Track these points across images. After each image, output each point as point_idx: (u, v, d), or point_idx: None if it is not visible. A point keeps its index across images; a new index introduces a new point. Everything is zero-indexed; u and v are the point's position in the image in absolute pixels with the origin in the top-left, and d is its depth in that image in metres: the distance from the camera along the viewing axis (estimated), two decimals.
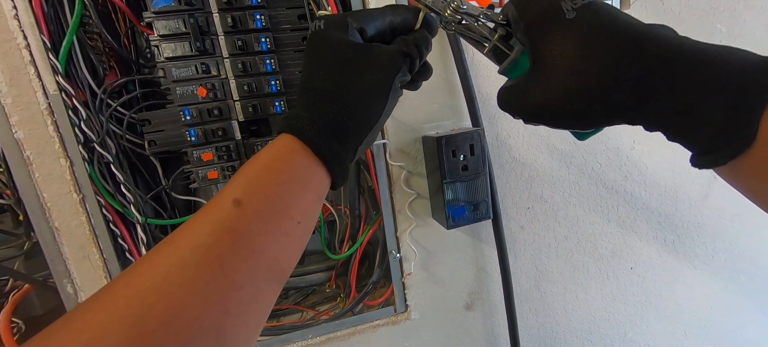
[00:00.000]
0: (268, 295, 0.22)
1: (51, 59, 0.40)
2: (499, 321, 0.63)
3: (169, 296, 0.17)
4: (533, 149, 0.58)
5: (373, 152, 0.51)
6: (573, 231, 0.63)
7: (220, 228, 0.20)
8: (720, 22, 0.61)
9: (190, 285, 0.18)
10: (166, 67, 0.44)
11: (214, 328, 0.18)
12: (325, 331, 0.56)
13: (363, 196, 0.58)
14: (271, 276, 0.22)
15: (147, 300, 0.17)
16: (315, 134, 0.23)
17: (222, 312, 0.19)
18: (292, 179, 0.23)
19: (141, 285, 0.18)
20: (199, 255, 0.19)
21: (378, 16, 0.28)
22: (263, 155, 0.24)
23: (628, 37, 0.21)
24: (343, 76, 0.25)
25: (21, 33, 0.39)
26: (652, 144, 0.63)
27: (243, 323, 0.20)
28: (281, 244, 0.22)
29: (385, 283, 0.60)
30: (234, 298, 0.19)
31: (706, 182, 0.67)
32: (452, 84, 0.52)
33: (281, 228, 0.22)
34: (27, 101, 0.41)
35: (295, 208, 0.23)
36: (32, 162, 0.42)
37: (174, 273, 0.18)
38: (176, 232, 0.20)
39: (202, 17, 0.42)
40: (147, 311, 0.17)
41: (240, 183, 0.22)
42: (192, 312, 0.18)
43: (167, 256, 0.19)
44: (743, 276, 0.74)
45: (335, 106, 0.24)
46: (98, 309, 0.17)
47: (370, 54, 0.26)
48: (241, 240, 0.20)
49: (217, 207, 0.21)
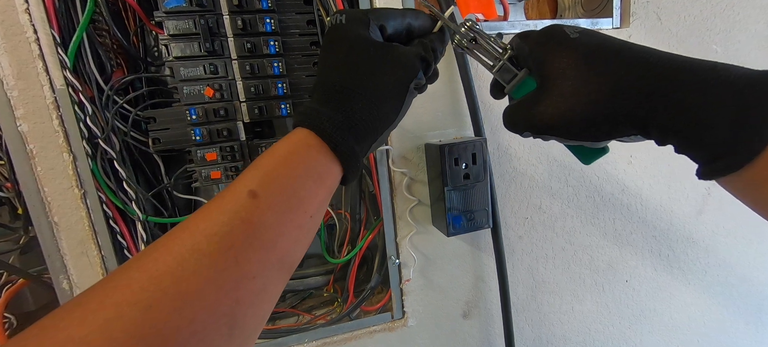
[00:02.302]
0: (278, 286, 0.22)
1: (60, 54, 0.40)
2: (495, 331, 0.63)
3: (183, 281, 0.18)
4: (533, 160, 0.59)
5: (376, 158, 0.52)
6: (570, 243, 0.64)
7: (235, 218, 0.20)
8: (716, 43, 0.63)
9: (205, 272, 0.18)
10: (173, 67, 0.44)
11: (226, 316, 0.18)
12: (321, 336, 0.56)
13: (364, 201, 0.58)
14: (281, 267, 0.22)
15: (161, 284, 0.17)
16: (334, 131, 0.23)
17: (234, 300, 0.19)
18: (307, 174, 0.23)
19: (155, 269, 0.18)
20: (214, 243, 0.19)
21: (398, 16, 0.28)
22: (279, 148, 0.24)
23: (631, 53, 0.22)
24: (363, 74, 0.25)
25: (31, 27, 0.39)
26: (648, 159, 0.64)
27: (253, 312, 0.20)
28: (294, 237, 0.22)
29: (382, 289, 0.60)
30: (246, 287, 0.19)
31: (701, 198, 0.68)
32: (456, 93, 0.53)
33: (294, 221, 0.22)
34: (33, 95, 0.41)
35: (309, 202, 0.23)
36: (35, 156, 0.42)
37: (188, 259, 0.18)
38: (190, 219, 0.20)
39: (213, 19, 0.43)
40: (161, 295, 0.17)
41: (255, 175, 0.22)
42: (205, 298, 0.18)
43: (182, 242, 0.19)
44: (737, 291, 0.75)
45: (353, 103, 0.24)
46: (113, 291, 0.17)
47: (390, 54, 0.26)
48: (255, 231, 0.20)
49: (233, 198, 0.21)
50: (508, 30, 0.53)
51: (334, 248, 0.60)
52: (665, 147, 0.69)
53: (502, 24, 0.53)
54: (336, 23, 0.26)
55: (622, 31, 0.58)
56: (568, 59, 0.24)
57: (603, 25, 0.57)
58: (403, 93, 0.26)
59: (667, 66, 0.21)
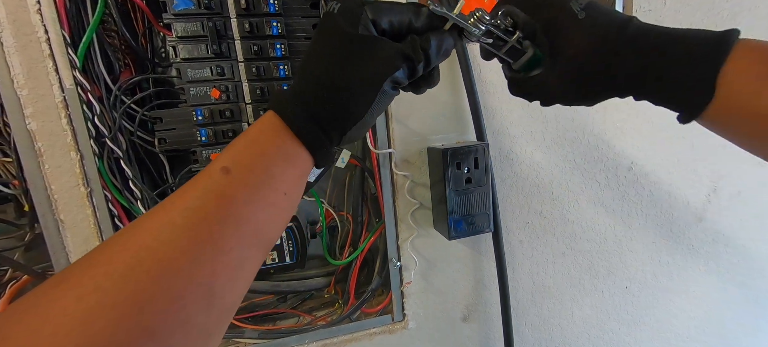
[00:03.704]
0: (254, 262, 0.23)
1: (70, 54, 0.41)
2: (494, 334, 0.63)
3: (159, 253, 0.18)
4: (535, 165, 0.59)
5: (379, 160, 0.52)
6: (570, 248, 0.64)
7: (208, 193, 0.21)
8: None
9: (180, 244, 0.19)
10: (181, 68, 0.44)
11: (203, 286, 0.19)
12: (322, 337, 0.56)
13: (366, 203, 0.59)
14: (258, 243, 0.23)
15: (138, 256, 0.18)
16: (296, 117, 0.24)
17: (210, 272, 0.20)
18: (277, 154, 0.24)
19: (132, 243, 0.19)
20: (188, 217, 0.20)
21: (397, 12, 0.27)
22: (251, 130, 0.25)
23: (631, 32, 0.26)
24: (336, 66, 0.25)
25: (42, 27, 0.40)
26: (648, 166, 0.64)
27: (231, 285, 0.21)
28: (268, 213, 0.23)
29: (383, 291, 0.60)
30: (222, 260, 0.20)
31: (701, 205, 0.69)
32: (459, 98, 0.53)
33: (268, 198, 0.23)
34: (42, 94, 0.41)
35: (281, 180, 0.24)
36: (43, 153, 0.42)
37: (164, 232, 0.19)
38: (168, 198, 0.21)
39: (220, 21, 0.44)
40: (137, 266, 0.18)
41: (228, 154, 0.23)
42: (181, 269, 0.19)
43: (158, 218, 0.20)
44: (737, 298, 0.76)
45: (322, 92, 0.25)
46: (91, 266, 0.18)
47: (370, 48, 0.25)
48: (228, 206, 0.21)
49: (206, 175, 0.22)
50: None
51: (336, 249, 0.60)
52: (666, 156, 0.69)
53: None
54: (329, 12, 0.26)
55: None
56: (577, 42, 0.26)
57: None
58: (375, 90, 0.25)
59: (658, 43, 0.25)
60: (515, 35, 0.29)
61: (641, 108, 0.62)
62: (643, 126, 0.62)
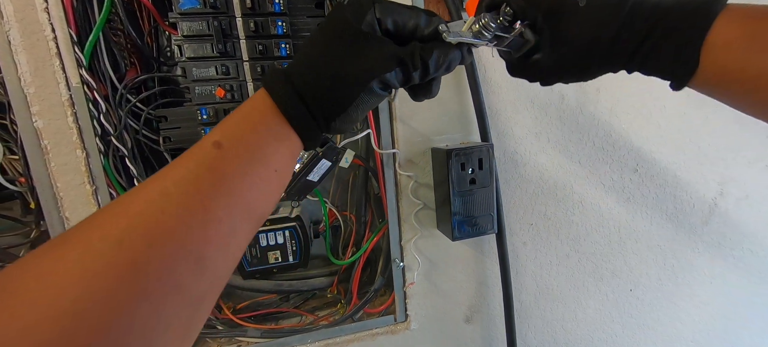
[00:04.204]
0: (245, 234, 0.24)
1: (76, 53, 0.41)
2: (497, 336, 0.63)
3: (152, 220, 0.19)
4: (539, 166, 0.59)
5: (382, 161, 0.52)
6: (574, 250, 0.64)
7: (201, 166, 0.22)
8: None
9: (173, 211, 0.20)
10: (186, 67, 0.45)
11: (195, 253, 0.20)
12: (324, 337, 0.56)
13: (369, 203, 0.59)
14: (249, 216, 0.23)
15: (131, 222, 0.19)
16: (286, 98, 0.24)
17: (202, 239, 0.20)
18: (268, 132, 0.24)
19: (126, 211, 0.19)
20: (181, 187, 0.21)
21: (406, 14, 0.27)
22: (243, 107, 0.25)
23: (622, 20, 0.26)
24: (330, 55, 0.25)
25: (49, 26, 0.40)
26: (654, 169, 0.64)
27: (222, 254, 0.22)
28: (259, 188, 0.24)
29: (386, 291, 0.60)
30: (214, 230, 0.21)
31: (707, 208, 0.68)
32: (463, 98, 0.53)
33: (259, 173, 0.24)
34: (49, 92, 0.41)
35: (272, 157, 0.24)
36: (49, 151, 0.43)
37: (157, 200, 0.20)
38: (161, 170, 0.22)
39: (226, 21, 0.44)
40: (132, 231, 0.18)
41: (220, 129, 0.23)
42: (174, 236, 0.19)
43: (151, 188, 0.21)
44: (741, 302, 0.75)
45: (312, 77, 0.25)
46: (90, 229, 0.19)
47: (365, 45, 0.25)
48: (221, 179, 0.22)
49: (199, 149, 0.22)
50: None
51: (339, 249, 0.60)
52: (672, 158, 0.68)
53: None
54: (341, 3, 0.27)
55: None
56: (579, 31, 0.27)
57: None
58: (361, 86, 0.25)
59: (651, 16, 0.26)
60: (517, 29, 0.28)
61: (647, 111, 0.61)
62: (649, 129, 0.62)
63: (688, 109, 0.63)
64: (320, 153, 0.45)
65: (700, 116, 0.63)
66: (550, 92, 0.57)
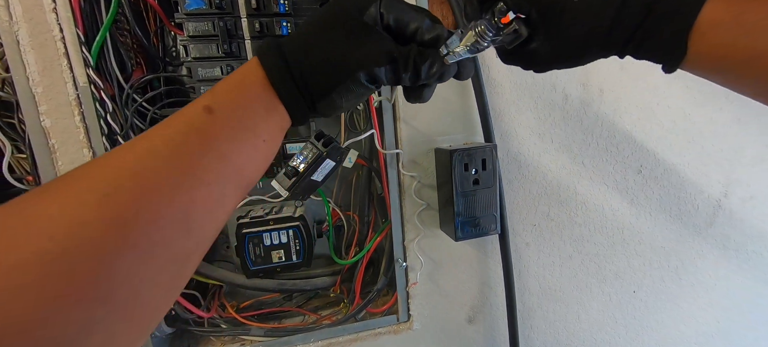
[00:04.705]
0: (232, 199, 0.24)
1: (84, 53, 0.41)
2: (500, 337, 0.63)
3: (140, 176, 0.19)
4: (542, 167, 0.59)
5: (386, 161, 0.52)
6: (577, 251, 0.64)
7: (191, 129, 0.22)
8: None
9: (161, 170, 0.20)
10: (192, 67, 0.45)
11: (182, 212, 0.20)
12: (327, 336, 0.57)
13: (373, 203, 0.59)
14: (237, 181, 0.24)
15: (119, 176, 0.19)
16: (276, 70, 0.25)
17: (189, 200, 0.21)
18: (259, 101, 0.24)
19: (113, 165, 0.20)
20: (170, 147, 0.21)
21: (410, 15, 0.27)
22: (235, 75, 0.25)
23: (617, 3, 0.26)
24: (324, 37, 0.25)
25: (57, 26, 0.40)
26: (659, 170, 0.63)
27: (209, 217, 0.22)
28: (248, 155, 0.24)
29: (389, 291, 0.60)
30: (202, 191, 0.21)
31: (711, 210, 0.68)
32: (467, 99, 0.53)
33: (249, 141, 0.24)
34: (57, 91, 0.42)
35: (262, 126, 0.24)
36: (56, 150, 0.43)
37: (146, 157, 0.20)
38: (150, 130, 0.22)
39: (231, 21, 0.44)
40: (119, 185, 0.19)
41: (211, 95, 0.24)
42: (162, 193, 0.20)
43: (141, 145, 0.21)
44: (746, 304, 0.74)
45: (303, 55, 0.25)
46: (76, 181, 0.19)
47: (360, 35, 0.25)
48: (209, 142, 0.22)
49: (189, 112, 0.23)
50: None
51: (342, 249, 0.60)
52: (676, 159, 0.68)
53: None
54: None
55: None
56: (574, 25, 0.27)
57: None
58: (346, 74, 0.25)
59: (640, 6, 0.26)
60: (511, 26, 0.28)
61: (651, 111, 0.61)
62: (653, 129, 0.62)
63: (692, 109, 0.62)
64: (324, 153, 0.45)
65: (705, 116, 0.63)
66: (553, 93, 0.57)
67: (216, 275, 0.53)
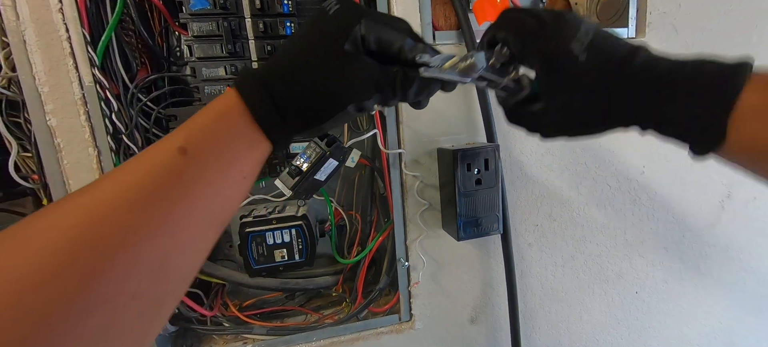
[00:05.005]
0: (209, 240, 0.23)
1: (89, 52, 0.42)
2: (502, 337, 0.63)
3: (106, 227, 0.18)
4: (545, 168, 0.59)
5: (388, 161, 0.52)
6: (580, 251, 0.64)
7: (163, 172, 0.20)
8: (732, 54, 0.62)
9: (129, 221, 0.19)
10: (196, 67, 0.45)
11: (157, 260, 0.19)
12: (329, 335, 0.57)
13: (375, 203, 0.59)
14: (213, 223, 0.23)
15: (84, 228, 0.18)
16: (261, 105, 0.24)
17: (163, 248, 0.20)
18: (238, 139, 0.24)
19: (79, 215, 0.18)
20: (139, 195, 0.19)
21: (392, 36, 0.26)
22: (212, 109, 0.24)
23: (627, 76, 0.25)
24: (310, 69, 0.25)
25: (64, 26, 0.41)
26: (661, 171, 0.63)
27: (184, 259, 0.21)
28: (226, 194, 0.23)
29: (391, 291, 0.60)
30: (175, 238, 0.20)
31: (715, 211, 0.67)
32: (469, 99, 0.53)
33: (225, 181, 0.23)
34: (63, 91, 0.42)
35: (241, 164, 0.24)
36: (62, 149, 0.44)
37: (113, 205, 0.19)
38: (115, 172, 0.21)
39: (235, 21, 0.44)
40: (83, 240, 0.17)
41: (186, 133, 0.22)
42: (132, 244, 0.18)
43: (110, 191, 0.19)
44: (749, 306, 0.74)
45: (289, 87, 0.24)
46: (33, 233, 0.17)
47: (347, 67, 0.25)
48: (184, 186, 0.21)
49: (161, 153, 0.21)
50: None
51: (344, 248, 0.61)
52: (679, 160, 0.68)
53: None
54: (325, 9, 0.26)
55: (638, 41, 0.58)
56: (578, 83, 0.25)
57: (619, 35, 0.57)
58: (337, 109, 0.26)
59: (666, 78, 0.24)
60: (511, 73, 0.27)
61: None
62: None
63: None
64: (328, 152, 0.45)
65: None
66: None
67: (219, 273, 0.54)
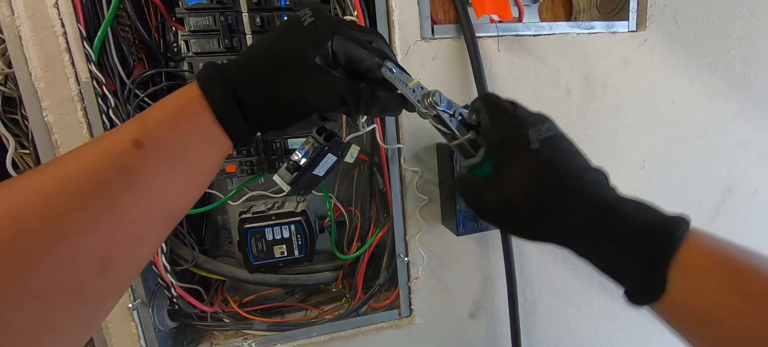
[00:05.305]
0: (159, 234, 0.23)
1: (85, 48, 0.41)
2: (502, 332, 0.63)
3: (49, 220, 0.17)
4: None
5: (387, 156, 0.52)
6: None
7: (114, 164, 0.20)
8: (734, 48, 0.62)
9: (75, 209, 0.18)
10: (193, 62, 0.45)
11: (99, 255, 0.19)
12: (329, 330, 0.57)
13: (374, 198, 0.59)
14: (166, 217, 0.22)
15: (23, 218, 0.17)
16: (227, 105, 0.23)
17: (108, 241, 0.19)
18: (199, 136, 0.23)
19: (18, 203, 0.17)
20: (86, 185, 0.19)
21: (360, 53, 0.27)
22: (171, 103, 0.23)
23: (570, 184, 0.24)
24: (277, 77, 0.25)
25: (59, 21, 0.40)
26: (661, 164, 0.63)
27: (130, 255, 0.20)
28: (182, 190, 0.23)
29: (390, 286, 0.60)
30: (123, 231, 0.19)
31: (715, 204, 0.67)
32: (469, 93, 0.53)
33: (183, 175, 0.22)
34: (59, 87, 0.42)
35: (201, 160, 0.23)
36: (59, 146, 0.43)
37: (55, 197, 0.18)
38: (61, 160, 0.20)
39: (232, 16, 0.44)
40: (22, 228, 0.17)
41: (142, 125, 0.21)
42: (73, 237, 0.18)
43: (53, 180, 0.18)
44: None
45: (254, 92, 0.24)
46: None
47: (313, 77, 0.25)
48: (137, 181, 0.20)
49: (114, 144, 0.20)
50: (522, 31, 0.53)
51: (344, 244, 0.61)
52: (678, 154, 0.67)
53: (517, 25, 0.53)
54: (299, 19, 0.26)
55: (638, 35, 0.57)
56: (522, 171, 0.25)
57: (619, 28, 0.57)
58: (300, 117, 0.26)
59: (601, 215, 0.23)
60: (467, 135, 0.28)
61: (655, 105, 0.61)
62: (656, 124, 0.61)
63: (696, 104, 0.62)
64: (326, 148, 0.45)
65: (709, 111, 0.63)
66: (555, 88, 0.56)
67: (219, 270, 0.54)
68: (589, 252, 0.25)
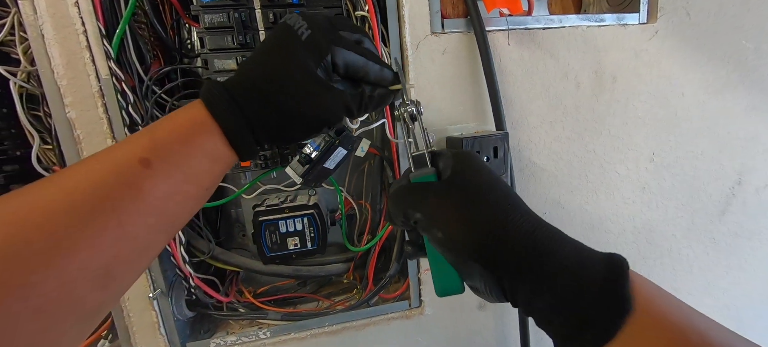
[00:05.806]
0: (160, 245, 0.23)
1: (105, 45, 0.43)
2: (510, 323, 0.64)
3: (52, 232, 0.17)
4: (553, 155, 0.59)
5: (398, 150, 0.53)
6: (588, 239, 0.63)
7: (121, 182, 0.20)
8: (747, 40, 0.61)
9: (78, 224, 0.18)
10: (207, 58, 0.46)
11: (101, 268, 0.19)
12: (341, 320, 0.58)
13: (385, 191, 0.60)
14: (167, 230, 0.23)
15: (26, 231, 0.17)
16: (233, 123, 0.24)
17: (111, 255, 0.19)
18: (206, 154, 0.23)
19: (21, 216, 0.17)
20: (92, 201, 0.19)
21: (359, 62, 0.27)
22: (177, 121, 0.23)
23: (521, 227, 0.23)
24: (285, 94, 0.25)
25: (80, 19, 0.42)
26: (670, 158, 0.63)
27: (131, 267, 0.21)
28: (186, 206, 0.23)
29: (400, 278, 0.62)
30: (127, 246, 0.20)
31: (724, 198, 0.67)
32: (478, 87, 0.53)
33: (188, 192, 0.23)
34: (81, 84, 0.43)
35: (206, 176, 0.24)
36: (81, 141, 0.45)
37: (60, 213, 0.18)
38: (65, 173, 0.20)
39: (246, 12, 0.45)
40: (25, 241, 0.17)
41: (149, 143, 0.22)
42: (78, 253, 0.18)
43: (58, 195, 0.18)
44: (758, 293, 0.74)
45: (262, 109, 0.25)
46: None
47: (319, 93, 0.26)
48: (143, 197, 0.20)
49: (120, 161, 0.21)
50: (532, 25, 0.53)
51: (355, 237, 0.62)
52: (688, 147, 0.67)
53: (527, 19, 0.53)
54: (296, 32, 0.26)
55: (649, 27, 0.57)
56: (477, 179, 0.25)
57: (629, 21, 0.57)
58: (311, 133, 0.28)
59: (535, 258, 0.22)
60: (429, 149, 0.29)
61: (665, 98, 0.60)
62: (666, 117, 0.61)
63: (707, 97, 0.62)
64: (337, 141, 0.46)
65: (720, 104, 0.62)
66: (565, 80, 0.56)
67: (234, 261, 0.55)
68: (521, 306, 0.24)
